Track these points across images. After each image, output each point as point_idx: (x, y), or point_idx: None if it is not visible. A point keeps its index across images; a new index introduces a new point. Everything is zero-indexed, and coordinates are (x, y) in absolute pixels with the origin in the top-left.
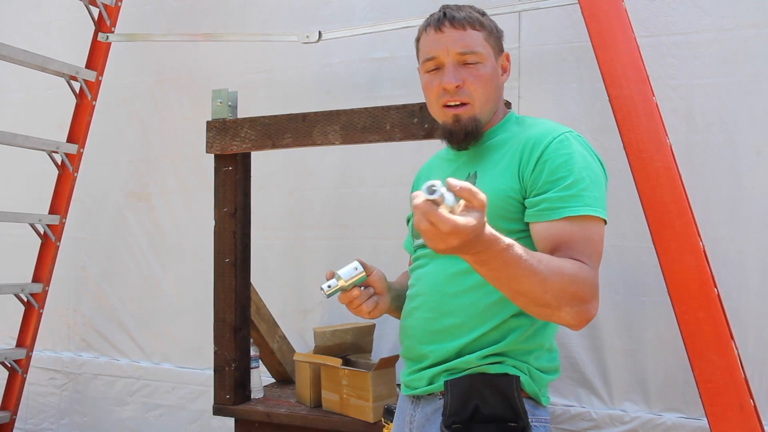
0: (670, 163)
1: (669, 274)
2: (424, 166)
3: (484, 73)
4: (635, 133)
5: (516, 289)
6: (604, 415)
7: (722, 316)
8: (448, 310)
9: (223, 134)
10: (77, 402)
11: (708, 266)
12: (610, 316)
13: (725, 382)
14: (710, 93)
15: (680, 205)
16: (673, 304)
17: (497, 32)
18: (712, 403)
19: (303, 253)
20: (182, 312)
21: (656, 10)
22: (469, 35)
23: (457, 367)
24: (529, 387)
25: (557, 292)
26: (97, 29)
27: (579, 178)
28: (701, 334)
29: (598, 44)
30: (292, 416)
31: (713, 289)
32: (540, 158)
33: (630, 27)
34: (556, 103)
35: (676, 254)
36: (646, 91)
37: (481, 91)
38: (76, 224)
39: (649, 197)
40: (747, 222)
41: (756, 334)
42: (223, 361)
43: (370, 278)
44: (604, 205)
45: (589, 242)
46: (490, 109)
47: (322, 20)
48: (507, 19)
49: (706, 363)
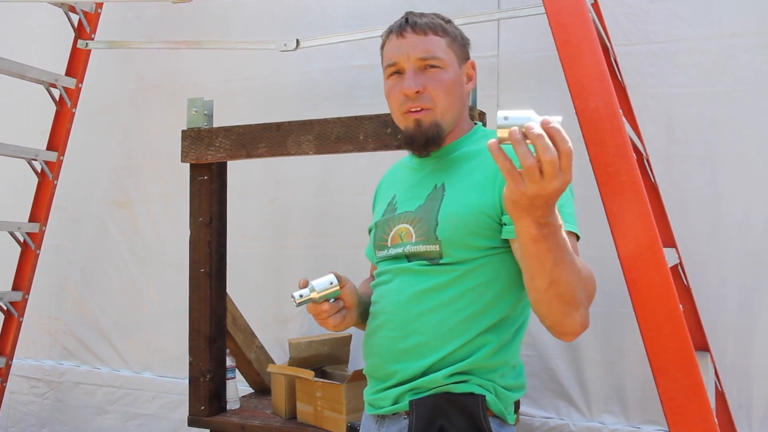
0: (636, 177)
1: (634, 290)
2: (386, 174)
3: (446, 79)
4: (601, 147)
5: (557, 276)
6: (582, 428)
7: (686, 333)
8: (415, 328)
9: (198, 143)
10: (58, 411)
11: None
12: (589, 329)
13: (689, 400)
14: (689, 102)
15: (646, 220)
16: (639, 321)
17: (462, 39)
18: (675, 421)
19: (283, 262)
20: (163, 321)
21: (635, 18)
22: (431, 41)
23: (422, 386)
24: (495, 406)
25: (583, 288)
26: (76, 36)
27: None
28: (665, 351)
29: (565, 55)
30: (266, 428)
31: (678, 306)
32: None
33: (596, 39)
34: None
35: (641, 270)
36: (612, 104)
37: (442, 96)
38: (57, 232)
39: (615, 211)
40: (725, 233)
41: (734, 346)
42: (198, 372)
43: (343, 292)
44: (577, 222)
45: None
46: (453, 116)
47: (302, 28)
48: (486, 28)
49: (670, 381)
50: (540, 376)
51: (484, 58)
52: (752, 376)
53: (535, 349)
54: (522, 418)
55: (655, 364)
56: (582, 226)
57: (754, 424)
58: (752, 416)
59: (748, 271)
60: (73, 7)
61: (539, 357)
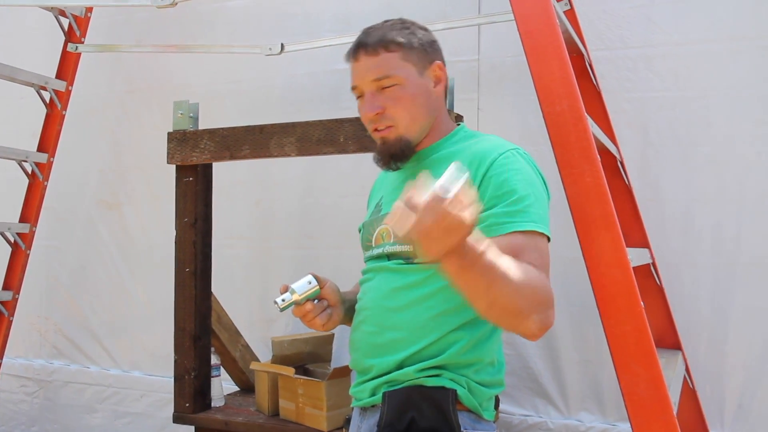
0: (600, 179)
1: (597, 288)
2: (378, 178)
3: (403, 95)
4: (567, 149)
5: (494, 297)
6: (560, 425)
7: (647, 329)
8: (390, 324)
9: (183, 145)
10: (48, 409)
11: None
12: (566, 328)
13: (650, 394)
14: (664, 106)
15: (609, 220)
16: (602, 317)
17: (421, 45)
18: (636, 414)
19: (269, 263)
20: (151, 320)
21: (612, 24)
22: (383, 59)
23: (396, 380)
24: (468, 400)
25: (529, 298)
26: (66, 40)
27: (525, 195)
28: (627, 347)
29: (532, 60)
30: (249, 425)
31: (639, 303)
32: (486, 174)
33: (562, 44)
34: (515, 114)
35: (604, 268)
36: (578, 107)
37: (402, 113)
38: (47, 233)
39: (579, 211)
40: (699, 234)
41: (707, 345)
42: (183, 370)
43: (324, 291)
44: (548, 223)
45: (540, 254)
46: (421, 125)
47: (288, 32)
48: (466, 33)
49: (631, 376)
50: (519, 375)
51: (464, 62)
52: (724, 375)
53: (514, 348)
54: (501, 416)
55: (617, 358)
56: (557, 227)
57: (726, 421)
58: (724, 414)
59: (721, 272)
60: (63, 11)
61: (518, 356)
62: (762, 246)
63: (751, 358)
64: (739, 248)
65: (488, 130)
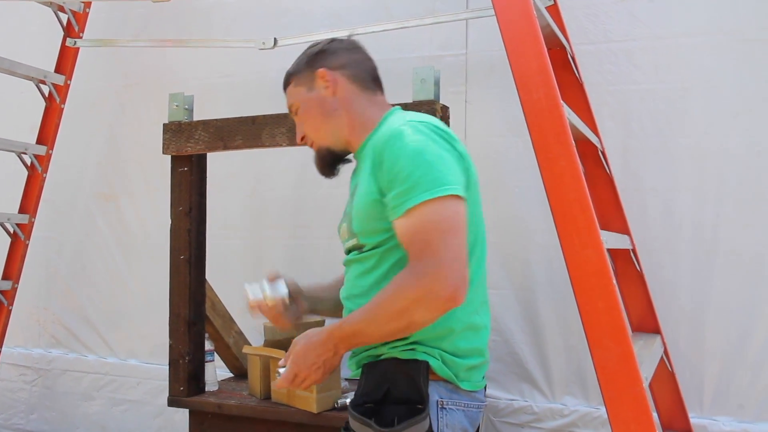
0: (575, 163)
1: (572, 267)
2: None
3: (303, 114)
4: (542, 135)
5: (378, 337)
6: (545, 409)
7: (619, 307)
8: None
9: (178, 136)
10: (46, 397)
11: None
12: (551, 315)
13: (620, 368)
14: (645, 98)
15: (583, 202)
16: (576, 296)
17: (306, 63)
18: (608, 387)
19: (263, 252)
20: (147, 310)
21: (595, 18)
22: (289, 93)
23: (375, 353)
24: (442, 371)
25: (400, 310)
26: (65, 35)
27: (412, 169)
28: (599, 323)
29: (511, 50)
30: (242, 407)
31: (612, 281)
32: (382, 160)
33: (539, 35)
34: (503, 107)
35: (579, 248)
36: (553, 95)
37: (308, 129)
38: (46, 224)
39: (555, 194)
40: (679, 223)
41: (687, 332)
42: (178, 355)
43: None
44: (451, 180)
45: (420, 232)
46: (336, 134)
47: (281, 27)
48: (455, 27)
49: (603, 350)
50: (505, 361)
51: (453, 56)
52: (703, 360)
53: (500, 334)
54: (488, 401)
55: (590, 334)
56: (540, 215)
57: (705, 405)
58: (703, 398)
59: (700, 260)
60: (62, 7)
61: (504, 342)
62: (740, 234)
63: (729, 344)
64: (717, 237)
65: (476, 121)
